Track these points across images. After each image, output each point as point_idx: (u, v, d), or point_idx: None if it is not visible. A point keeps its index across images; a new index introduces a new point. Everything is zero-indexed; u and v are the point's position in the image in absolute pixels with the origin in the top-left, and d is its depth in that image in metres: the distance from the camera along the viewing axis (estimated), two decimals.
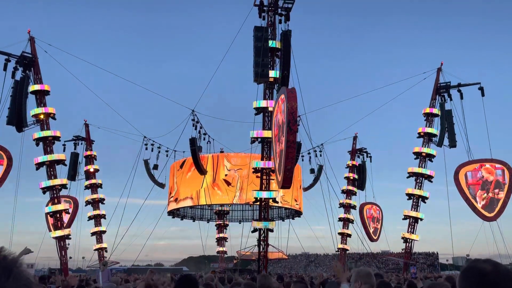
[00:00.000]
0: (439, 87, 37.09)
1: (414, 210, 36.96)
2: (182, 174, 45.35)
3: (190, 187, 44.49)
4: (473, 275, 1.82)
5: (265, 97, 29.05)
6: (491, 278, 1.76)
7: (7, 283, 0.97)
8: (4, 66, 29.76)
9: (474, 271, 1.82)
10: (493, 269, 1.79)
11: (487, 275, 1.78)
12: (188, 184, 44.73)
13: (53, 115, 32.10)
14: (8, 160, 29.74)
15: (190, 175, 44.06)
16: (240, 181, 42.36)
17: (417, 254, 64.04)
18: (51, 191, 32.30)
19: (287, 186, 22.99)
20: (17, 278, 1.00)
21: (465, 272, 1.86)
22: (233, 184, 43.21)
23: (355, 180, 46.55)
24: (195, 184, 43.77)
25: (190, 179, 44.16)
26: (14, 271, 1.00)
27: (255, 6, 28.97)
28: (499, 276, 1.77)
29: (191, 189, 44.46)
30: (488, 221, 33.92)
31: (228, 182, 43.51)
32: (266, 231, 29.21)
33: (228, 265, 50.84)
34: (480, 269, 1.81)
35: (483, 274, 1.78)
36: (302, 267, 74.85)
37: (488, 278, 1.77)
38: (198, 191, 43.80)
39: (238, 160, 43.74)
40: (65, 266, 32.60)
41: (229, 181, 43.49)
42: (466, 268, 1.88)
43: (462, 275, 1.87)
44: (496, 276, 1.76)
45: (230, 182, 43.46)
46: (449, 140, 35.82)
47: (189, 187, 44.62)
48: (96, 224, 43.83)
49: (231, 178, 43.53)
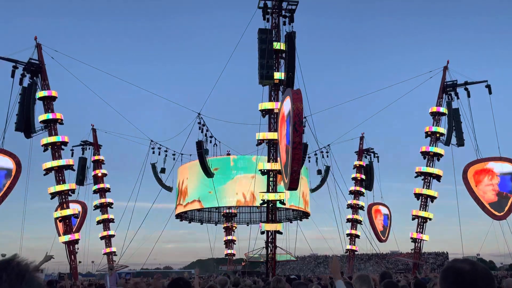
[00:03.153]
0: (446, 85, 36.84)
1: (422, 210, 36.73)
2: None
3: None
4: (451, 275, 1.82)
5: (270, 99, 29.07)
6: (468, 278, 1.76)
7: (21, 287, 1.03)
8: (12, 73, 30.06)
9: (452, 271, 1.82)
10: (470, 268, 1.79)
11: (465, 274, 1.77)
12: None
13: (60, 120, 32.37)
14: (17, 166, 30.02)
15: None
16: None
17: (427, 254, 63.56)
18: (59, 196, 32.55)
19: (294, 187, 22.97)
20: (30, 283, 1.05)
21: (444, 272, 1.86)
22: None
23: (362, 181, 46.36)
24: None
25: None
26: (27, 277, 1.05)
27: (259, 8, 29.03)
28: (476, 275, 1.76)
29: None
30: (498, 219, 33.60)
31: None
32: (274, 233, 29.19)
33: (236, 267, 50.86)
34: (458, 268, 1.81)
35: (460, 274, 1.78)
36: (310, 268, 74.58)
37: (465, 277, 1.77)
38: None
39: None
40: (74, 271, 32.81)
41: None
42: (445, 268, 1.88)
43: (441, 275, 1.87)
44: (473, 275, 1.76)
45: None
46: (456, 139, 35.54)
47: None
48: (104, 228, 44.07)
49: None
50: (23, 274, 1.05)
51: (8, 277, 1.02)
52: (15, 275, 1.04)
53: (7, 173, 29.88)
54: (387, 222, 46.62)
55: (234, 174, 46.05)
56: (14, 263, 1.06)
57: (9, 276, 1.03)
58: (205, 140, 35.45)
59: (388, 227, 46.41)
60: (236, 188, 45.37)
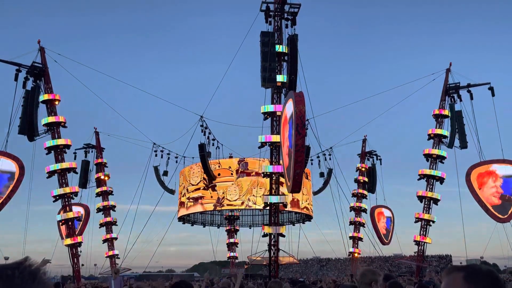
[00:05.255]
0: (449, 88, 36.78)
1: (426, 213, 36.61)
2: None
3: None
4: (486, 276, 1.78)
5: (273, 102, 29.08)
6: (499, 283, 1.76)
7: (33, 285, 1.08)
8: (15, 76, 30.15)
9: (487, 274, 1.80)
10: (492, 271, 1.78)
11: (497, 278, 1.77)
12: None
13: (63, 123, 32.45)
14: (20, 169, 30.08)
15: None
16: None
17: (430, 257, 63.33)
18: (62, 199, 32.59)
19: (297, 190, 22.95)
20: (41, 283, 1.11)
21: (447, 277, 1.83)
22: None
23: (365, 183, 46.26)
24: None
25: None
26: (38, 277, 1.11)
27: (262, 11, 29.07)
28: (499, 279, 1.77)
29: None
30: (501, 222, 33.47)
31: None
32: (276, 236, 29.14)
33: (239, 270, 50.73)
34: (490, 271, 1.78)
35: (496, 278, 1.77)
36: (314, 271, 74.39)
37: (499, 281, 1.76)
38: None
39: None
40: (77, 274, 32.82)
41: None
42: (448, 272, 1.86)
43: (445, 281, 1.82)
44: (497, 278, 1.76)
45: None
46: (460, 141, 35.44)
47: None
48: (107, 231, 44.08)
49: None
50: (35, 274, 1.11)
51: (21, 275, 1.08)
52: (27, 274, 1.09)
53: (10, 176, 29.96)
54: (390, 225, 46.49)
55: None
56: (26, 264, 1.12)
57: (21, 274, 1.08)
58: (208, 143, 35.53)
59: (391, 230, 46.28)
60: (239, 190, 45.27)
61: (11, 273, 1.07)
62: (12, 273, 1.07)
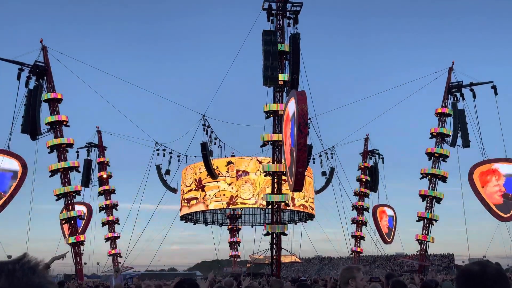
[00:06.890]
0: (451, 86, 36.69)
1: (428, 211, 36.55)
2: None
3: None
4: (461, 277, 1.86)
5: (275, 100, 29.04)
6: (477, 279, 1.78)
7: (33, 277, 1.12)
8: (17, 75, 30.24)
9: (461, 274, 1.87)
10: (479, 269, 1.80)
11: (474, 275, 1.80)
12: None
13: (66, 122, 32.52)
14: (22, 168, 30.18)
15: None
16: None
17: (433, 256, 63.20)
18: (65, 197, 32.69)
19: (299, 189, 22.93)
20: (42, 276, 1.14)
21: (456, 277, 1.91)
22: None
23: (367, 182, 46.21)
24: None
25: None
26: (38, 270, 1.15)
27: (264, 10, 29.02)
28: (485, 276, 1.78)
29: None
30: (504, 221, 33.40)
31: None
32: (278, 235, 29.14)
33: (241, 269, 50.80)
34: (466, 270, 1.85)
35: (470, 275, 1.81)
36: (315, 270, 74.37)
37: (475, 279, 1.79)
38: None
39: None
40: (80, 272, 32.92)
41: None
42: (457, 273, 1.92)
43: (455, 280, 1.91)
44: (482, 276, 1.78)
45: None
46: (462, 140, 35.36)
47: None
48: (109, 230, 44.19)
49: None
50: (35, 268, 1.14)
51: (21, 268, 1.12)
52: (28, 267, 1.13)
53: (13, 175, 30.08)
54: (392, 223, 46.45)
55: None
56: (25, 259, 1.16)
57: (22, 267, 1.12)
58: (210, 142, 35.46)
59: (393, 229, 46.23)
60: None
61: (12, 268, 1.12)
62: (13, 267, 1.12)
